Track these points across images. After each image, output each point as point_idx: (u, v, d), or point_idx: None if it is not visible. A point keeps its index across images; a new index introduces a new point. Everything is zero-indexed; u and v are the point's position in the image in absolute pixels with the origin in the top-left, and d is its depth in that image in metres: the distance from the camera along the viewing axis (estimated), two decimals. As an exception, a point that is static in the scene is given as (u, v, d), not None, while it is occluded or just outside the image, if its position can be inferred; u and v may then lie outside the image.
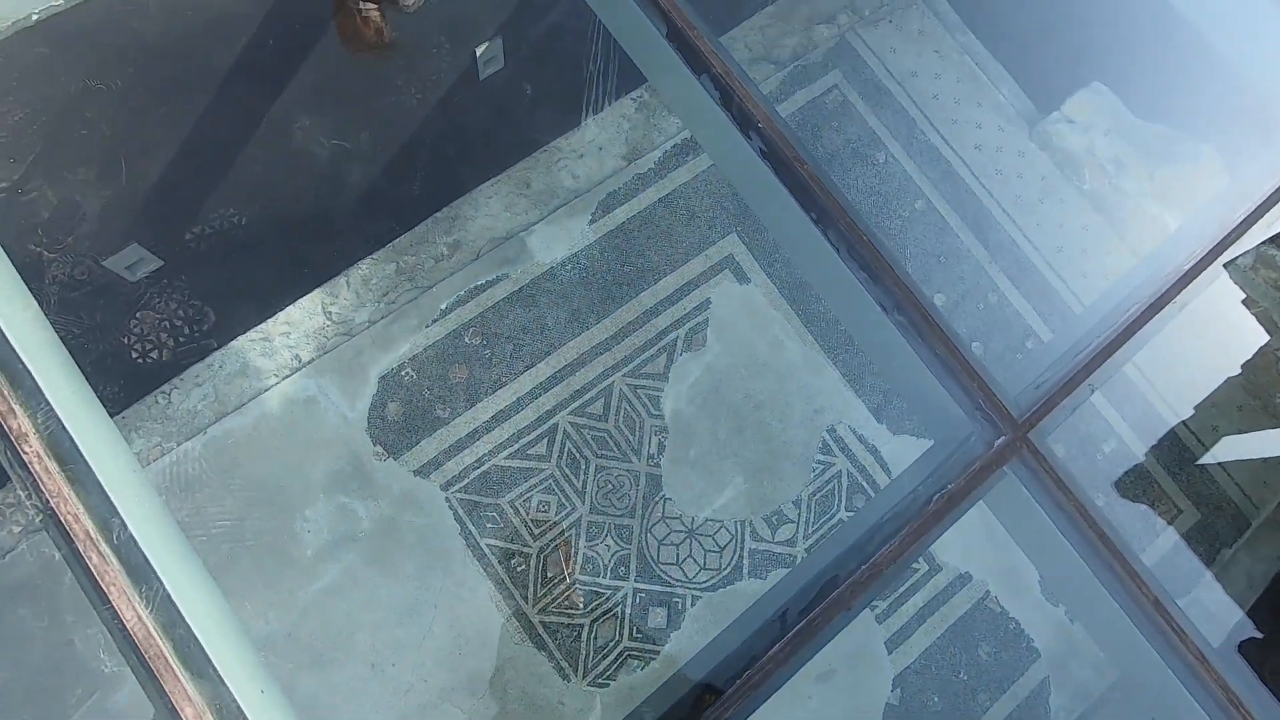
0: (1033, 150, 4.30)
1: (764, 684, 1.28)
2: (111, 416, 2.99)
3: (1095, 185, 4.25)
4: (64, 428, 1.20)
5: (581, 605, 3.32)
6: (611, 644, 3.33)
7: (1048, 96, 4.32)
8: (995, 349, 4.03)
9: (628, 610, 3.40)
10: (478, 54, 2.55)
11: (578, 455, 3.46)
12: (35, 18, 1.54)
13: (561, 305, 3.56)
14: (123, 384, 2.99)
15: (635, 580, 3.42)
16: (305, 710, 3.03)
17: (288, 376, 3.26)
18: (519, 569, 3.33)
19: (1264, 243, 3.79)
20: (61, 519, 1.15)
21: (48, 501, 1.15)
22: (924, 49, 4.26)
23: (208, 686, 1.15)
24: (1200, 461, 4.11)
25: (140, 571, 1.17)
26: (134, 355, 2.80)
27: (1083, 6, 4.24)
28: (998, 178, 4.24)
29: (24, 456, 1.16)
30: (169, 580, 1.19)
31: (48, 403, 1.20)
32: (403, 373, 3.37)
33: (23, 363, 1.20)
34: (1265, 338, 4.10)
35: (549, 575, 3.36)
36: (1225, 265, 1.66)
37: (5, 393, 1.18)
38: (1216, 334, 4.16)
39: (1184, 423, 4.09)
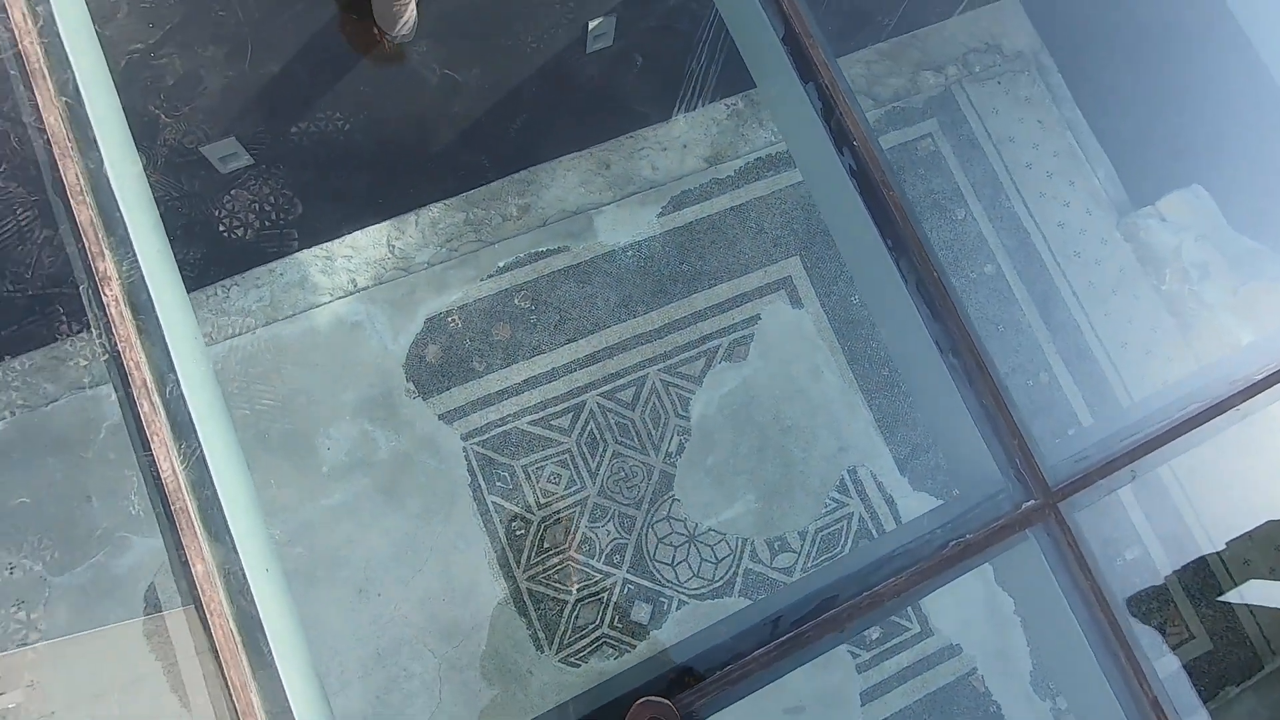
0: (1117, 240, 4.20)
1: (742, 681, 1.28)
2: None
3: (1174, 288, 4.13)
4: (144, 281, 1.27)
5: (575, 587, 3.35)
6: (591, 627, 3.35)
7: (1144, 189, 4.21)
8: (1036, 431, 3.94)
9: (614, 598, 3.41)
10: (590, 27, 2.60)
11: (598, 437, 3.49)
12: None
13: (614, 288, 3.60)
14: (200, 260, 3.11)
15: (627, 571, 3.44)
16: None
17: (341, 298, 3.36)
18: (518, 532, 3.37)
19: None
20: (125, 363, 1.21)
21: (115, 345, 1.21)
22: (1027, 116, 4.19)
23: (220, 550, 1.20)
24: (1223, 598, 3.96)
25: (183, 429, 1.23)
26: (220, 229, 2.91)
27: (1197, 105, 4.13)
28: (1075, 259, 4.15)
29: (104, 298, 1.23)
30: (207, 445, 1.24)
31: (134, 255, 1.26)
32: (449, 319, 3.44)
33: (120, 213, 1.27)
34: (1320, 481, 3.93)
35: (545, 546, 3.39)
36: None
37: (99, 236, 1.25)
38: (1271, 465, 4.00)
39: (1217, 553, 3.94)
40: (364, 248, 3.41)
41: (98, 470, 3.11)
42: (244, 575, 1.21)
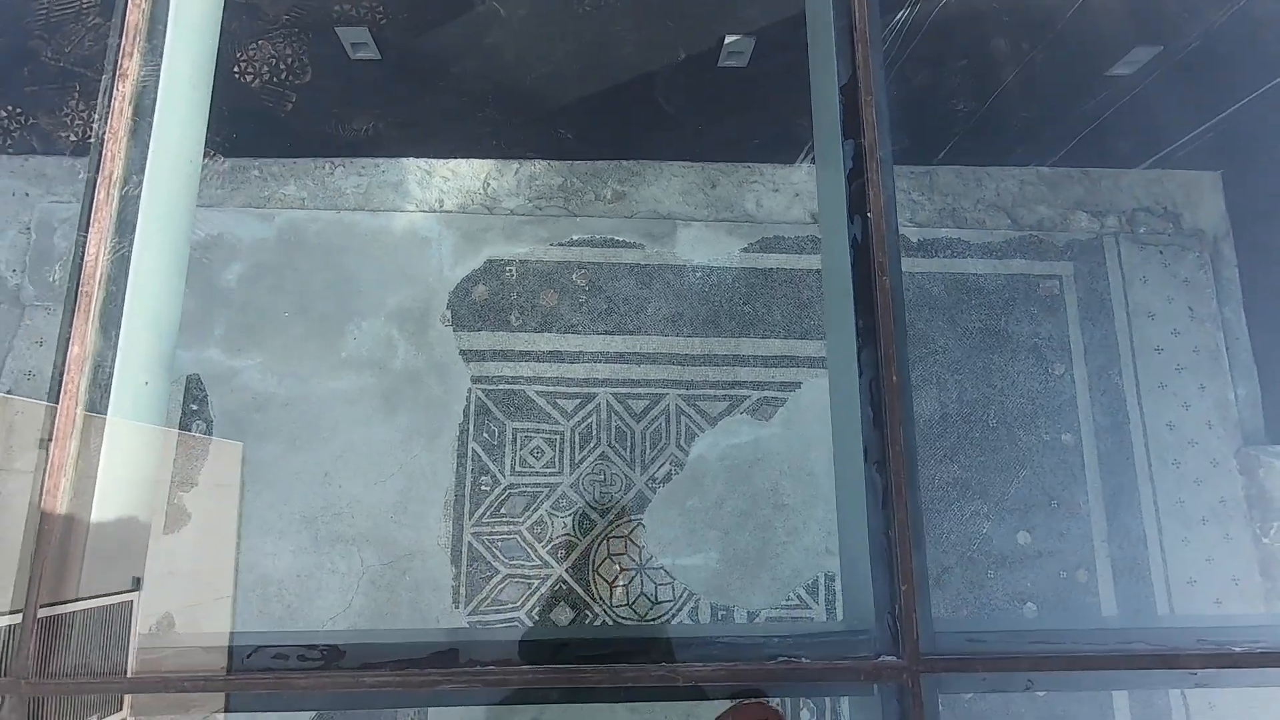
0: (1231, 468, 3.67)
1: (498, 687, 1.22)
2: (286, 158, 3.36)
3: (1278, 544, 3.56)
4: (156, 91, 1.37)
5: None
6: (510, 605, 3.32)
7: (1285, 427, 3.66)
8: (1048, 623, 3.52)
9: (543, 589, 3.37)
10: (726, 41, 2.58)
11: (594, 433, 3.46)
12: None
13: (670, 301, 3.56)
14: (313, 132, 3.38)
15: (567, 570, 3.38)
16: (254, 468, 3.30)
17: (424, 211, 3.53)
18: (483, 488, 3.40)
19: None
20: (105, 150, 1.32)
21: (103, 132, 1.32)
22: (1179, 298, 3.75)
23: (103, 343, 1.28)
24: None
25: (124, 228, 1.32)
26: (336, 110, 3.14)
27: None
28: (1173, 468, 3.67)
29: (115, 87, 1.34)
30: (139, 250, 1.33)
31: (159, 64, 1.37)
32: (508, 267, 3.53)
33: (164, 26, 1.39)
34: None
35: (502, 511, 3.40)
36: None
37: (136, 39, 1.37)
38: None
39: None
40: (463, 175, 3.57)
41: (4, 237, 3.40)
42: (111, 375, 1.27)
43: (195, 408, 3.35)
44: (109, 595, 1.68)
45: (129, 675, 1.20)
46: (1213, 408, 3.72)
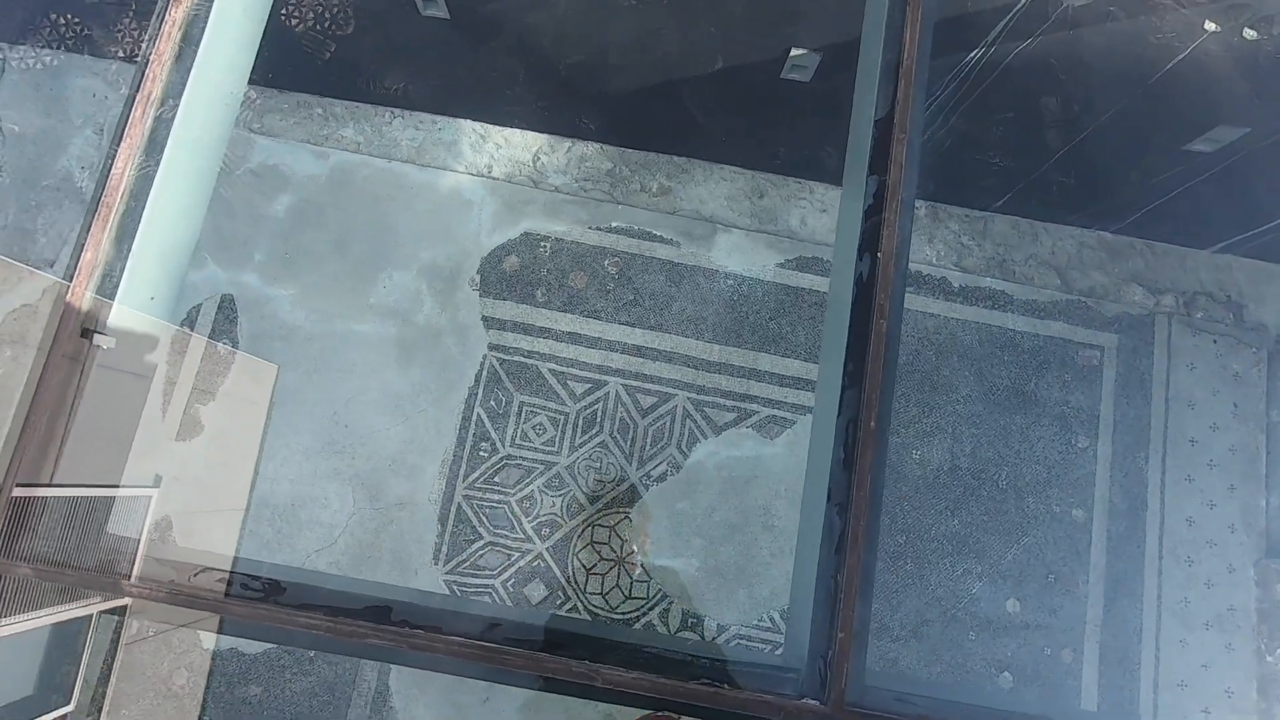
0: (1248, 577, 3.51)
1: (426, 653, 1.24)
2: (350, 101, 3.41)
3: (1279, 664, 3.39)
4: (206, 22, 1.41)
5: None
6: (488, 571, 3.37)
7: (1317, 546, 3.47)
8: (1022, 696, 3.42)
9: (521, 563, 3.41)
10: (791, 54, 2.54)
11: (598, 420, 3.47)
12: None
13: (697, 304, 3.54)
14: (378, 84, 3.45)
15: (547, 549, 3.42)
16: (284, 394, 3.41)
17: (471, 175, 3.57)
18: (481, 452, 3.45)
19: None
20: (148, 70, 1.37)
21: (149, 52, 1.36)
22: (1225, 393, 3.58)
23: (114, 254, 1.33)
24: None
25: (154, 147, 1.37)
26: (401, 64, 3.20)
27: None
28: (1185, 565, 3.52)
29: (169, 11, 1.38)
30: (164, 172, 1.38)
31: (211, 2, 1.41)
32: (542, 243, 3.55)
33: (226, -39, 1.42)
34: None
35: (496, 480, 3.45)
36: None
37: (197, -31, 1.41)
38: None
39: None
40: (515, 145, 3.60)
41: (80, 135, 3.48)
42: (117, 285, 1.32)
43: (225, 326, 3.47)
44: (97, 487, 1.76)
45: (131, 580, 1.26)
46: (1239, 512, 3.55)
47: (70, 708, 3.43)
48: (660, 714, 1.23)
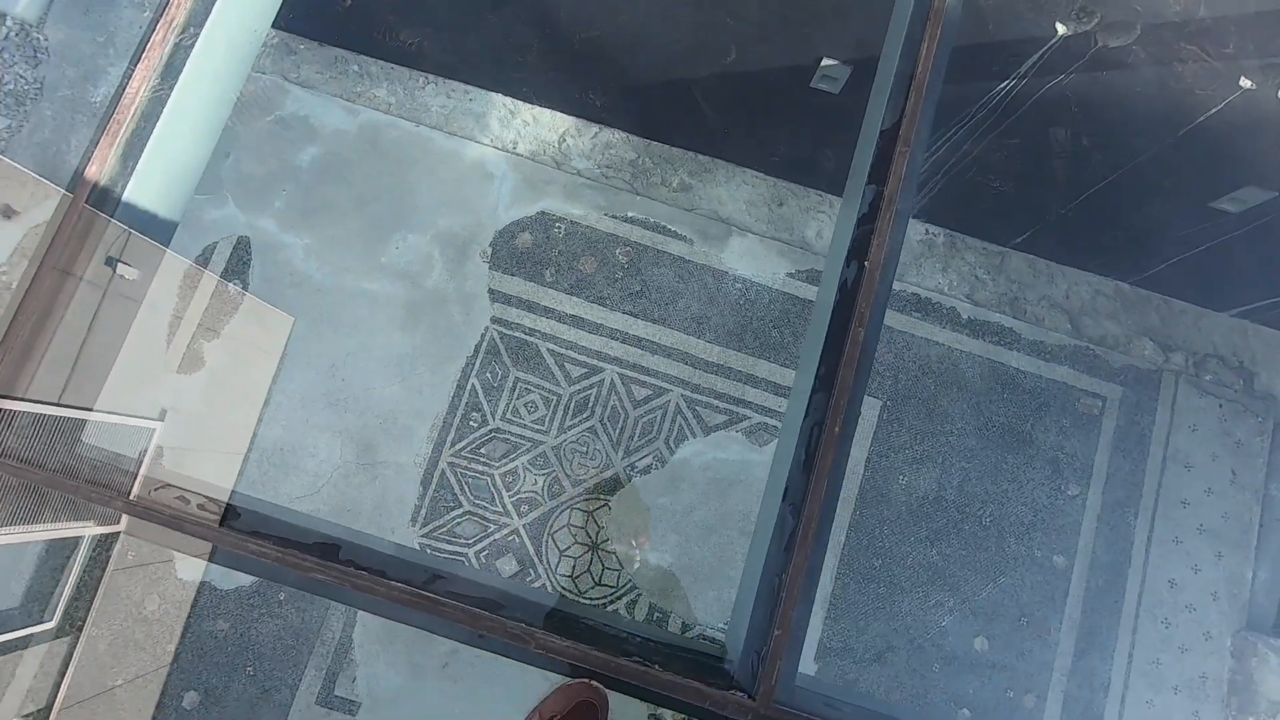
0: (1223, 647, 3.45)
1: (369, 595, 1.26)
2: (385, 62, 3.42)
3: (1244, 740, 3.34)
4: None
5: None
6: (462, 541, 3.40)
7: (1299, 625, 3.41)
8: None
9: (497, 536, 3.44)
10: (821, 63, 2.53)
11: (590, 405, 3.49)
12: None
13: (701, 303, 3.54)
14: (419, 50, 3.48)
15: (524, 525, 3.44)
16: (290, 341, 3.46)
17: (496, 148, 3.60)
18: (471, 423, 3.48)
19: None
20: (170, 5, 1.40)
21: (176, -18, 1.39)
22: (1224, 458, 3.53)
23: (119, 171, 1.36)
24: None
25: (171, 72, 1.40)
26: (444, 34, 3.22)
27: None
28: (1161, 627, 3.47)
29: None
30: (177, 97, 1.41)
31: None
32: (557, 224, 3.57)
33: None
34: None
35: (482, 451, 3.48)
36: None
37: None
38: None
39: None
40: (543, 125, 3.62)
41: (119, 65, 3.53)
42: (118, 200, 1.36)
43: (238, 268, 3.52)
44: (102, 413, 1.80)
45: (131, 498, 1.29)
46: (1224, 580, 3.50)
47: (51, 624, 3.51)
48: (584, 681, 1.25)
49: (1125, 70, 2.05)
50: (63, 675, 3.49)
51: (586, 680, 1.22)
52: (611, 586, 3.40)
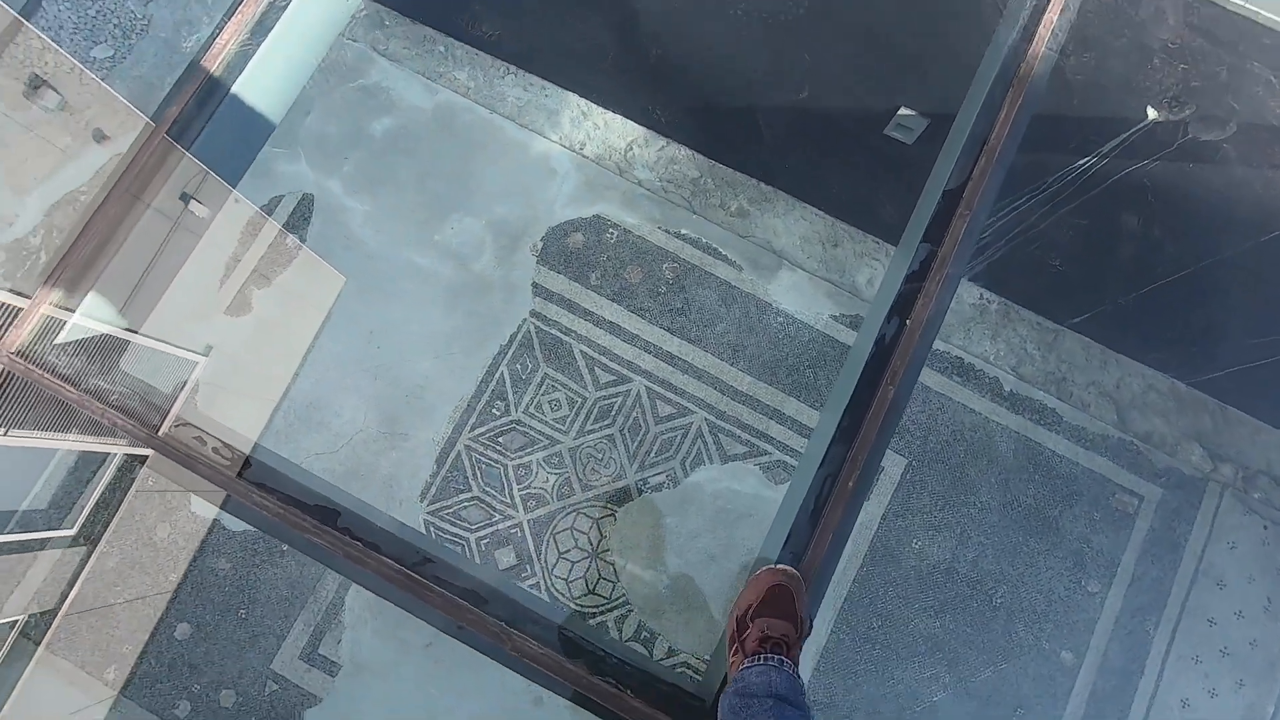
0: (1230, 779, 3.26)
1: (358, 563, 1.27)
2: (471, 47, 3.50)
3: None
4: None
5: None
6: (466, 525, 3.43)
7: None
8: None
9: (500, 526, 3.45)
10: (899, 113, 2.50)
11: (613, 413, 3.49)
12: None
13: (740, 332, 3.51)
14: (504, 39, 3.56)
15: (528, 520, 3.45)
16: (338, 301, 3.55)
17: (563, 147, 3.64)
18: (494, 410, 3.51)
19: None
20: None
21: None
22: (1262, 583, 3.34)
23: (196, 115, 1.41)
24: None
25: (261, 30, 1.45)
26: (533, 31, 3.28)
27: None
28: (1164, 746, 3.30)
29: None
30: (261, 56, 1.45)
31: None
32: (610, 229, 3.59)
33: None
34: None
35: (500, 440, 3.50)
36: None
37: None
38: None
39: None
40: (612, 130, 3.65)
41: (204, 2, 3.66)
42: (191, 142, 1.40)
43: (299, 222, 3.63)
44: (150, 338, 1.87)
45: (159, 433, 1.34)
46: (1242, 710, 3.31)
47: (71, 532, 3.64)
48: (770, 567, 1.31)
49: (1212, 166, 1.97)
50: (71, 585, 3.61)
51: (772, 565, 1.26)
52: (605, 597, 3.38)
